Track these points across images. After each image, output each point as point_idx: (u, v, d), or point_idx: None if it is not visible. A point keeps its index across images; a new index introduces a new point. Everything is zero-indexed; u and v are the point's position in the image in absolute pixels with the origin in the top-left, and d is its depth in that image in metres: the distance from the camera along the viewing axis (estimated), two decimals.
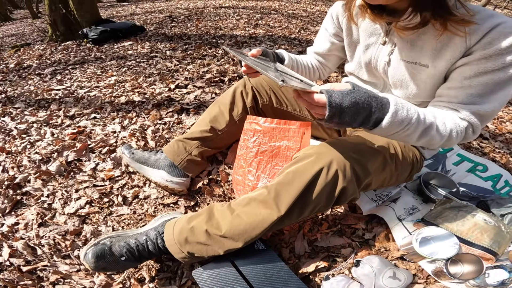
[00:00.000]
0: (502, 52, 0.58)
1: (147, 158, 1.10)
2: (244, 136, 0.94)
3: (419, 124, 0.62)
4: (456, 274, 0.75)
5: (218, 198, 1.09)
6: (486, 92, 0.63)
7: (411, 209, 0.97)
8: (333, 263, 0.87)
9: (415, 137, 0.64)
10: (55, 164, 1.27)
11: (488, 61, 0.60)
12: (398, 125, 0.59)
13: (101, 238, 0.79)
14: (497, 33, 0.58)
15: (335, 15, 0.89)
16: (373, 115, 0.57)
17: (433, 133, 0.64)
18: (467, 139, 0.70)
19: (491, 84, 0.62)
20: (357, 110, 0.54)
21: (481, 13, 0.60)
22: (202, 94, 1.78)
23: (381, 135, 0.63)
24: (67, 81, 2.20)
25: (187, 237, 0.73)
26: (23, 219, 1.04)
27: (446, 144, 0.69)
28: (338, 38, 0.94)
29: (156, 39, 3.08)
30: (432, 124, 0.64)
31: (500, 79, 0.61)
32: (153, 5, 6.24)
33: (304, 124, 0.91)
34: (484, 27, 0.59)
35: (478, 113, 0.65)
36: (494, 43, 0.58)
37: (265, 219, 0.70)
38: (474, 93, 0.64)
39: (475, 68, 0.62)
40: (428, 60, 0.68)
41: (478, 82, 0.63)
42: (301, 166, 0.70)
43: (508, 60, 0.59)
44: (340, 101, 0.52)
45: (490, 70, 0.61)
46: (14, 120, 1.68)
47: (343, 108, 0.53)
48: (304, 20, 3.86)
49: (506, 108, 1.86)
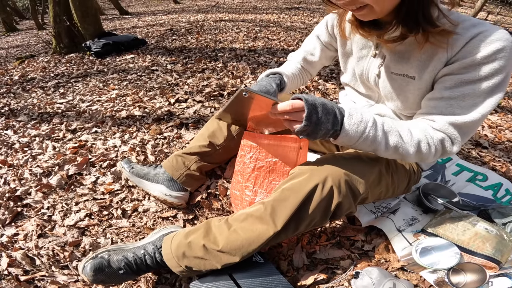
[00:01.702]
0: (481, 62, 0.58)
1: (147, 173, 1.10)
2: (241, 152, 0.95)
3: (377, 129, 0.63)
4: (458, 284, 0.74)
5: (216, 212, 1.09)
6: (466, 103, 0.62)
7: (411, 220, 0.97)
8: (332, 275, 0.86)
9: (381, 144, 0.64)
10: (56, 177, 1.28)
11: (468, 71, 0.60)
12: (357, 127, 0.61)
13: (99, 252, 0.80)
14: (477, 41, 0.58)
15: (330, 24, 0.90)
16: (338, 116, 0.61)
17: (397, 140, 0.64)
18: (447, 152, 0.67)
19: (471, 94, 0.61)
20: (326, 109, 0.60)
21: (465, 22, 0.60)
22: (201, 109, 1.80)
23: (348, 144, 0.65)
24: (70, 95, 2.24)
25: (184, 252, 0.73)
26: (23, 230, 1.05)
27: (421, 157, 0.67)
28: (330, 47, 0.95)
29: (157, 52, 3.14)
30: (392, 129, 0.64)
31: (481, 89, 0.60)
32: (155, 18, 6.37)
33: (301, 140, 0.91)
34: (466, 37, 0.59)
35: (456, 123, 0.63)
36: (474, 52, 0.58)
37: (262, 234, 0.70)
38: (454, 104, 0.63)
39: (455, 78, 0.62)
40: (415, 71, 0.69)
41: (459, 92, 0.62)
42: (296, 183, 0.70)
43: (488, 70, 0.58)
44: (313, 99, 0.59)
45: (470, 80, 0.60)
46: (16, 134, 1.71)
47: (317, 106, 0.58)
48: (302, 32, 3.92)
49: (505, 116, 1.86)
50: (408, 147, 0.65)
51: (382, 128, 0.64)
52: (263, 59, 2.73)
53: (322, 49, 0.97)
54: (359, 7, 0.58)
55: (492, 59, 0.57)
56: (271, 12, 6.03)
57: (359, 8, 0.59)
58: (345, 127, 0.61)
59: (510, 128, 1.71)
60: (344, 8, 0.63)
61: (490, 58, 0.57)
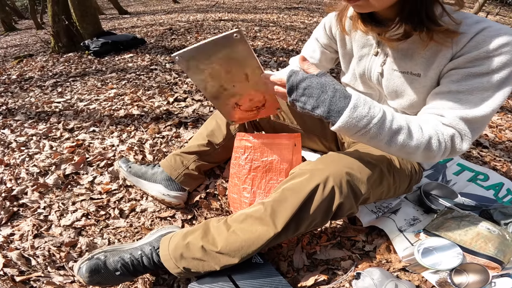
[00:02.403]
0: (488, 55, 0.57)
1: (144, 172, 1.09)
2: (235, 154, 0.93)
3: (382, 127, 0.58)
4: (461, 284, 0.73)
5: (215, 212, 1.08)
6: (475, 96, 0.60)
7: (412, 220, 0.96)
8: (333, 276, 0.85)
9: (383, 141, 0.59)
10: (53, 177, 1.26)
11: (475, 64, 0.59)
12: (358, 121, 0.56)
13: (95, 253, 0.78)
14: (483, 36, 0.57)
15: (328, 26, 0.89)
16: (337, 105, 0.57)
17: (404, 139, 0.59)
18: (456, 151, 0.64)
19: (479, 88, 0.59)
20: (311, 94, 0.58)
21: (468, 19, 0.60)
22: (200, 108, 1.79)
23: (346, 134, 0.60)
24: (68, 94, 2.22)
25: (182, 253, 0.72)
26: (19, 230, 1.04)
27: (428, 155, 0.63)
28: (329, 49, 0.94)
29: (156, 51, 3.13)
30: (401, 127, 0.59)
31: (489, 83, 0.58)
32: (154, 17, 6.36)
33: (294, 136, 0.90)
34: (470, 33, 0.58)
35: (466, 118, 0.61)
36: (480, 46, 0.57)
37: (262, 235, 0.69)
38: (462, 98, 0.61)
39: (462, 72, 0.61)
40: (420, 69, 0.68)
41: (466, 86, 0.60)
42: (297, 183, 0.69)
43: (495, 64, 0.57)
44: (297, 79, 0.60)
45: (478, 73, 0.59)
46: (14, 133, 1.69)
47: (298, 88, 0.59)
48: (301, 32, 3.92)
49: (505, 116, 1.86)
50: (416, 145, 0.60)
51: (390, 126, 0.58)
52: (263, 59, 2.72)
53: (322, 52, 0.96)
54: None
55: (498, 53, 0.56)
56: (270, 12, 6.02)
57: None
58: (343, 118, 0.56)
59: (510, 127, 1.71)
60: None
61: (496, 51, 0.56)
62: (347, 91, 0.59)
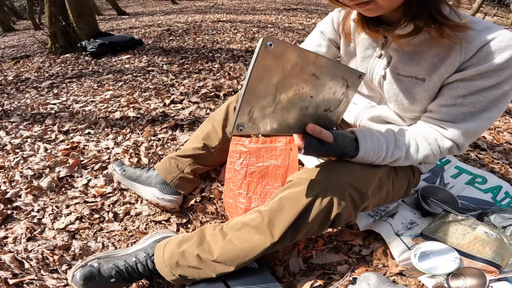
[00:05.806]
0: (496, 68, 0.57)
1: (139, 175, 1.08)
2: (231, 159, 0.92)
3: (385, 158, 0.68)
4: None
5: (211, 216, 1.07)
6: (479, 109, 0.61)
7: (409, 223, 0.95)
8: (329, 281, 0.84)
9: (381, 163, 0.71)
10: (47, 179, 1.25)
11: (482, 77, 0.59)
12: (365, 159, 0.69)
13: (89, 259, 0.77)
14: (492, 47, 0.56)
15: (336, 20, 0.86)
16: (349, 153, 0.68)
17: (402, 162, 0.70)
18: (451, 155, 0.71)
19: (484, 101, 0.60)
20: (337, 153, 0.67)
21: (477, 24, 0.59)
22: (197, 110, 1.78)
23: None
24: (63, 95, 2.20)
25: (178, 261, 0.71)
26: (12, 233, 1.03)
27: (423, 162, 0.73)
28: (334, 44, 0.91)
29: (154, 52, 3.11)
30: (400, 157, 0.69)
31: (493, 96, 0.59)
32: (153, 18, 6.34)
33: (290, 140, 0.89)
34: (480, 41, 0.57)
35: (467, 132, 0.64)
36: (489, 59, 0.57)
37: (258, 245, 0.68)
38: (466, 111, 0.63)
39: (469, 86, 0.61)
40: (425, 73, 0.67)
41: (472, 100, 0.61)
42: (295, 193, 0.68)
43: (502, 77, 0.57)
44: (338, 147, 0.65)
45: (484, 87, 0.59)
46: (8, 135, 1.67)
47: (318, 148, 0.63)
48: (300, 33, 3.91)
49: (503, 118, 1.85)
50: (412, 162, 0.71)
51: (390, 158, 0.69)
52: None
53: (328, 46, 0.91)
54: (364, 2, 0.56)
55: (505, 66, 0.56)
56: (269, 13, 6.01)
57: (364, 3, 0.56)
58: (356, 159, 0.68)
59: (508, 130, 1.70)
60: (349, 4, 0.59)
61: (504, 65, 0.56)
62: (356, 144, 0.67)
